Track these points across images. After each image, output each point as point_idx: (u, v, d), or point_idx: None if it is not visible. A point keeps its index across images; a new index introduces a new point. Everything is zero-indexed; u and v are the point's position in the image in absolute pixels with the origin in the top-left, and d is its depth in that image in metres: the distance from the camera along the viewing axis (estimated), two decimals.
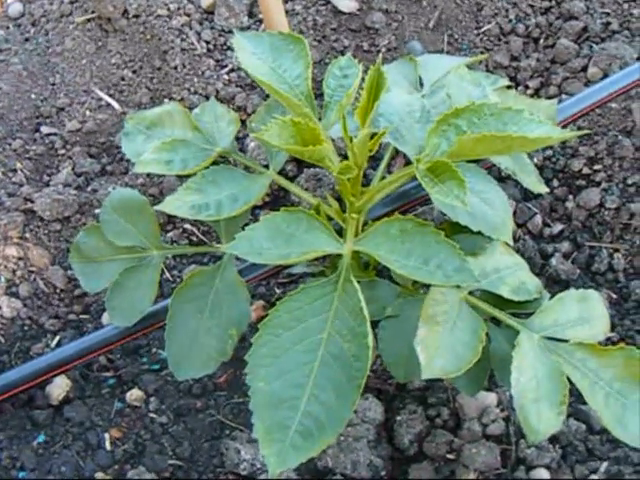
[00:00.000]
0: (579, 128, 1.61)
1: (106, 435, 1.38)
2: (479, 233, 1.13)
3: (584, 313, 1.11)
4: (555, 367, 1.05)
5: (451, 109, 1.09)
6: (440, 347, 1.05)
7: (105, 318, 1.50)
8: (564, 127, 1.41)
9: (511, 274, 1.14)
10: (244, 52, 1.21)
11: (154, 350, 1.49)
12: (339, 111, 1.13)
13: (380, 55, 1.10)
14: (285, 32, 1.24)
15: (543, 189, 1.24)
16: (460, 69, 1.29)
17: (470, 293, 1.11)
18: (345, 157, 1.13)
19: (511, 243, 1.15)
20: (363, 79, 1.12)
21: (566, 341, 1.07)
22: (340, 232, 1.13)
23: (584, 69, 1.71)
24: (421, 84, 1.36)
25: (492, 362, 1.13)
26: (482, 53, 1.77)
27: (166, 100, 1.74)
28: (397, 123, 1.17)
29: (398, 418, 1.31)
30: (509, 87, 1.39)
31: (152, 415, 1.40)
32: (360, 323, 1.02)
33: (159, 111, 1.32)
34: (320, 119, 1.18)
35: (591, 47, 1.74)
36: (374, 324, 1.11)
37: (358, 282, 1.04)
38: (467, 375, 1.05)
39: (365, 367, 1.00)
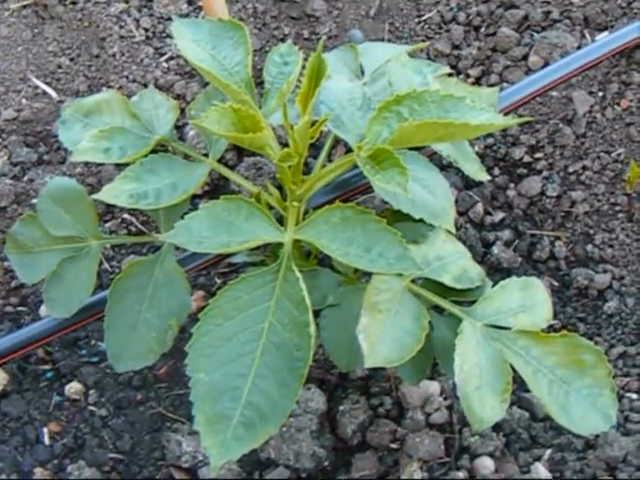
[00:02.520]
0: (520, 116, 1.61)
1: (45, 429, 1.36)
2: (421, 221, 1.12)
3: (526, 301, 1.11)
4: (498, 355, 1.05)
5: (392, 96, 1.08)
6: (382, 335, 1.04)
7: (43, 310, 1.47)
8: (505, 115, 1.41)
9: (453, 262, 1.14)
10: (183, 39, 1.19)
11: (93, 342, 1.46)
12: (279, 98, 1.11)
13: (321, 42, 1.08)
14: (225, 18, 1.23)
15: (484, 177, 1.24)
16: (401, 57, 1.28)
17: (412, 281, 1.10)
18: (286, 145, 1.12)
19: (453, 231, 1.14)
20: (304, 67, 1.10)
21: (509, 329, 1.07)
22: (281, 221, 1.12)
23: (525, 57, 1.71)
24: (362, 72, 1.35)
25: (435, 350, 1.13)
26: (423, 41, 1.76)
27: (104, 88, 1.70)
28: (338, 111, 1.16)
29: (341, 408, 1.30)
30: (450, 75, 1.39)
31: (92, 408, 1.39)
32: (302, 312, 1.01)
33: (97, 99, 1.30)
34: (260, 107, 1.16)
35: (532, 36, 1.74)
36: (316, 313, 1.11)
37: (300, 271, 1.03)
38: (410, 364, 1.05)
39: (307, 357, 0.99)
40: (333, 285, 1.19)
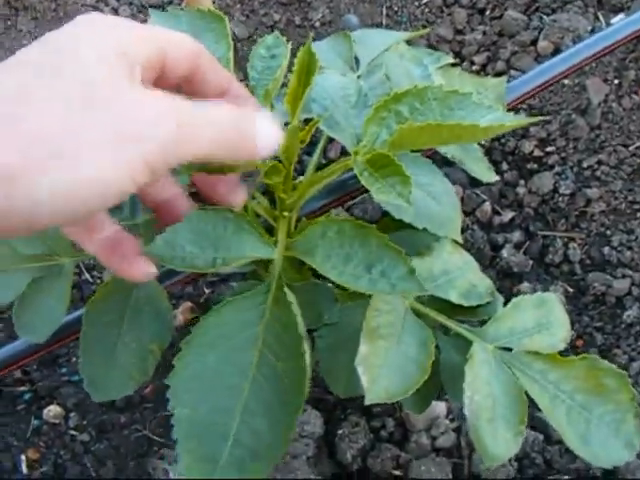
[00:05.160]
0: (530, 107, 1.51)
1: (22, 457, 1.28)
2: (424, 230, 1.02)
3: (542, 319, 1.01)
4: (512, 382, 0.95)
5: (390, 94, 0.97)
6: (384, 366, 0.94)
7: None
8: (514, 108, 1.30)
9: (460, 276, 1.04)
10: None
11: (74, 359, 1.37)
12: (266, 98, 1.00)
13: (310, 35, 0.97)
14: (204, 9, 1.12)
15: (493, 177, 1.13)
16: (400, 46, 1.17)
17: (416, 298, 1.01)
18: None
19: (460, 240, 1.04)
20: (294, 59, 1.00)
21: (523, 352, 0.98)
22: (271, 230, 1.02)
23: (534, 42, 1.60)
24: (357, 63, 1.24)
25: (442, 375, 1.03)
26: (423, 26, 1.65)
27: None
28: (331, 109, 1.05)
29: (340, 431, 1.22)
30: (454, 65, 1.28)
31: (72, 432, 1.30)
32: (295, 341, 0.90)
33: None
34: None
35: (541, 19, 1.63)
36: (312, 331, 1.03)
37: (292, 286, 0.93)
38: (414, 393, 0.96)
39: (301, 390, 0.89)
40: (329, 301, 1.09)
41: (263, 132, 0.71)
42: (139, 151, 0.55)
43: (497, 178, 1.12)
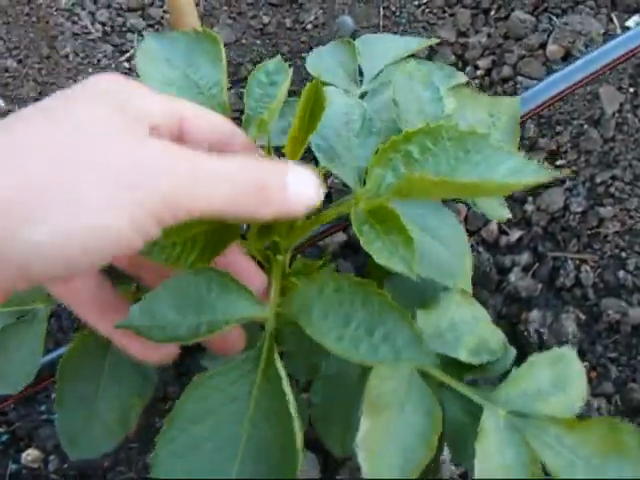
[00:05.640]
0: (539, 117, 1.42)
1: None
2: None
3: (558, 378, 0.93)
4: (526, 453, 0.87)
5: (400, 135, 0.87)
6: (386, 442, 0.86)
7: None
8: (523, 122, 1.21)
9: (470, 331, 0.95)
10: (151, 59, 1.00)
11: (54, 395, 1.29)
12: (260, 128, 0.91)
13: (315, 80, 0.87)
14: (200, 30, 1.02)
15: (506, 214, 1.05)
16: (409, 65, 1.07)
17: None
18: None
19: (470, 290, 0.96)
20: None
21: (537, 416, 0.90)
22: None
23: (543, 46, 1.50)
24: (361, 74, 1.15)
25: (446, 437, 0.95)
26: (424, 28, 1.55)
27: None
28: (332, 139, 0.96)
29: (338, 477, 1.16)
30: (467, 83, 1.19)
31: (53, 477, 1.23)
32: (285, 417, 0.83)
33: None
34: None
35: (550, 20, 1.53)
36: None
37: (283, 341, 0.86)
38: None
39: (293, 466, 0.82)
40: (325, 351, 1.02)
41: (295, 184, 0.68)
42: (140, 200, 0.55)
43: (509, 215, 1.03)
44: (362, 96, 1.10)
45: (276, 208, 0.66)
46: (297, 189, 0.67)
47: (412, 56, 1.15)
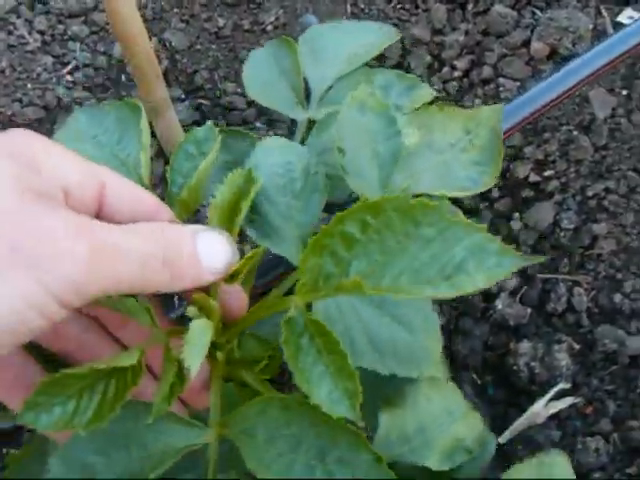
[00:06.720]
0: (525, 130, 1.30)
1: None
2: None
3: None
4: None
5: (332, 222, 0.73)
6: None
7: None
8: (511, 135, 1.07)
9: (443, 431, 0.82)
10: (77, 139, 0.87)
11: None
12: (183, 209, 0.78)
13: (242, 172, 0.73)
14: (130, 101, 0.88)
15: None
16: (359, 92, 0.92)
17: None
18: None
19: (441, 375, 0.83)
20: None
21: None
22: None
23: (526, 44, 1.39)
24: (307, 87, 0.99)
25: None
26: (395, 26, 1.41)
27: None
28: (267, 211, 0.82)
29: None
30: (437, 98, 1.03)
31: None
32: None
33: None
34: None
35: (534, 15, 1.42)
36: None
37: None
38: None
39: None
40: None
41: (206, 252, 0.63)
42: (37, 279, 0.50)
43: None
44: (310, 126, 0.94)
45: (189, 281, 0.61)
46: (208, 257, 0.63)
47: (380, 57, 0.99)
